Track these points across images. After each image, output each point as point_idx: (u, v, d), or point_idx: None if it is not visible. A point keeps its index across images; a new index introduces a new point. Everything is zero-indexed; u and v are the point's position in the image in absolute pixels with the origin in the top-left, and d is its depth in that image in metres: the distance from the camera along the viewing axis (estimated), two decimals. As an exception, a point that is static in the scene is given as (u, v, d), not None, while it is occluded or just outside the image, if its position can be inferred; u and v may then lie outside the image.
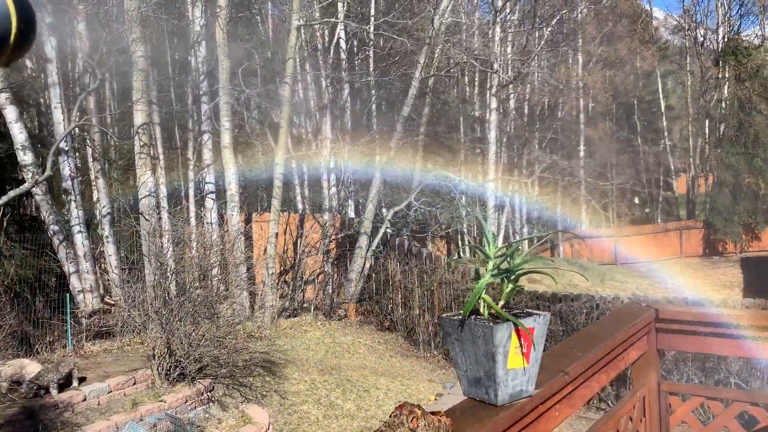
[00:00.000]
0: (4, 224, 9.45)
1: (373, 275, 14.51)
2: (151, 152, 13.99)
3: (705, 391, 2.53)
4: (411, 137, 20.49)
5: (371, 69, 19.34)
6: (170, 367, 7.99)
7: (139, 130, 10.56)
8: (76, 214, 11.45)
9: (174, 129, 16.89)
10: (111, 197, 14.28)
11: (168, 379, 8.02)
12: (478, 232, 24.76)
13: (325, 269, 15.06)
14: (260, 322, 12.18)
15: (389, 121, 19.51)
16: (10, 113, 11.89)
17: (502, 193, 22.15)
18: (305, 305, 14.25)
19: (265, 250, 12.37)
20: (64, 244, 11.97)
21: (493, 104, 19.85)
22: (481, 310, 1.48)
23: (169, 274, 8.03)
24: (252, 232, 15.81)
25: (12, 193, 9.25)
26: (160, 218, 13.33)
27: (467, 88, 26.36)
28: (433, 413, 1.26)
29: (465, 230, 23.99)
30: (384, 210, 15.99)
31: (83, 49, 11.51)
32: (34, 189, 11.80)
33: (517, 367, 1.45)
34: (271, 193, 18.43)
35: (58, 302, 10.44)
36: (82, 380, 7.49)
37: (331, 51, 17.75)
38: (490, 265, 1.47)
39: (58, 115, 11.25)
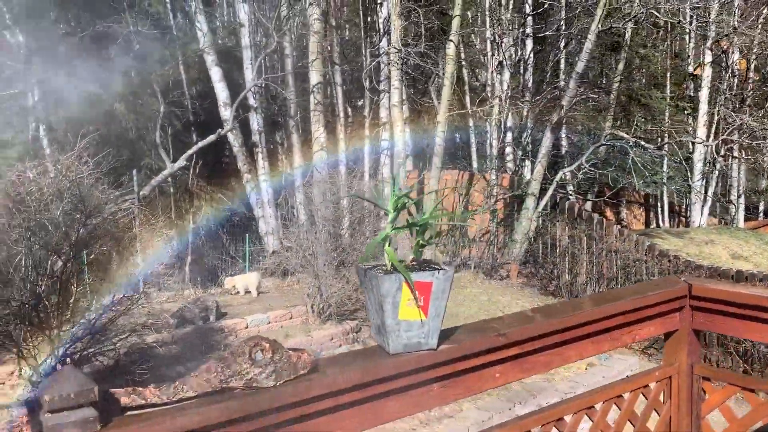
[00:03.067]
0: (197, 169, 10.86)
1: (540, 238, 14.19)
2: (334, 110, 14.95)
3: (747, 382, 2.27)
4: (598, 94, 19.27)
5: (561, 24, 18.40)
6: (322, 306, 8.73)
7: (314, 89, 11.36)
8: (262, 164, 12.76)
9: (354, 89, 17.73)
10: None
11: (320, 317, 8.78)
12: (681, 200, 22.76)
13: (490, 228, 15.03)
14: (419, 275, 12.62)
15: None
16: (215, 74, 13.48)
17: (714, 159, 19.83)
18: (468, 263, 14.42)
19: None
20: (255, 191, 13.45)
21: (708, 58, 17.84)
22: (386, 261, 1.55)
23: (319, 221, 8.69)
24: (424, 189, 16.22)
25: (203, 142, 10.60)
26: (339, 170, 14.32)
27: (676, 42, 23.82)
28: (294, 350, 1.39)
29: (665, 197, 22.19)
30: (566, 172, 15.36)
31: (265, 13, 12.55)
32: (232, 141, 13.35)
33: (411, 318, 1.50)
34: (453, 154, 18.71)
35: (243, 241, 11.84)
36: (222, 315, 8.46)
37: (510, 4, 17.18)
38: (390, 217, 1.52)
39: (249, 75, 12.52)
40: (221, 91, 13.23)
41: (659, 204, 23.01)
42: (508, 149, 17.44)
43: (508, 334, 1.71)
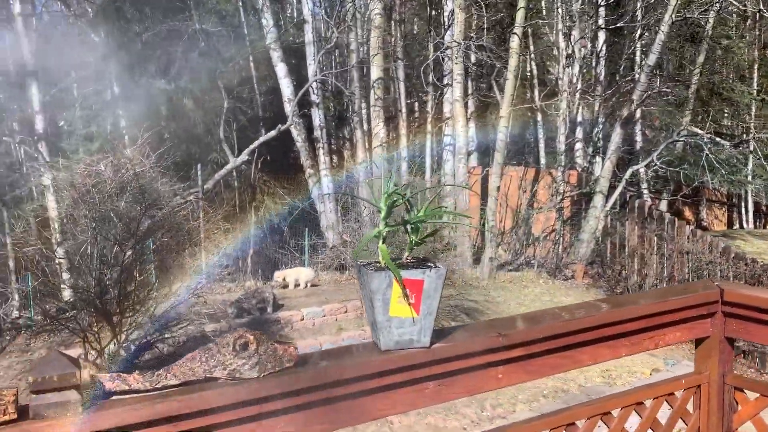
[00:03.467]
0: (259, 164, 11.15)
1: (608, 238, 13.74)
2: (397, 105, 14.99)
3: (785, 394, 2.14)
4: (674, 88, 18.40)
5: (635, 15, 17.69)
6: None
7: (374, 84, 11.42)
8: (323, 159, 12.95)
9: (418, 84, 17.69)
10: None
11: (374, 313, 8.84)
12: None
13: (556, 227, 14.67)
14: (479, 272, 12.50)
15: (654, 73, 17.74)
16: (280, 70, 13.77)
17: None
18: (531, 262, 14.14)
19: (486, 202, 12.53)
20: (317, 185, 13.67)
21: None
22: (380, 259, 1.55)
23: (366, 216, 8.74)
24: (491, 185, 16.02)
25: (264, 137, 10.86)
26: (399, 166, 14.37)
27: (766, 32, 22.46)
28: (281, 343, 1.41)
29: (750, 196, 21.03)
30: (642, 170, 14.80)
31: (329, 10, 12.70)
32: (295, 136, 13.62)
33: (402, 316, 1.49)
34: (520, 150, 18.38)
35: (303, 235, 12.06)
36: (279, 307, 8.64)
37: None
38: (382, 214, 1.52)
39: (311, 71, 12.72)
40: (286, 87, 13.50)
41: (743, 204, 21.83)
42: (578, 145, 16.96)
43: (510, 335, 1.67)
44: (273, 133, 10.72)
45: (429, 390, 1.62)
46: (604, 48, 17.98)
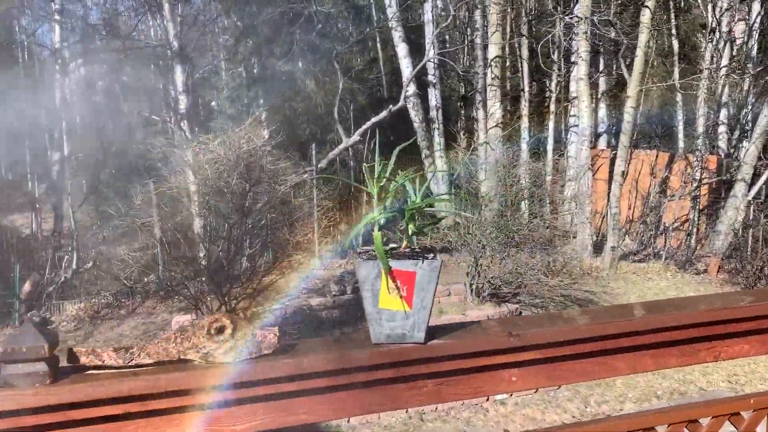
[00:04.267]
0: (372, 144, 11.24)
1: (748, 230, 12.44)
2: (519, 85, 14.50)
3: None
4: None
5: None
6: (480, 286, 8.61)
7: (492, 63, 11.08)
8: (438, 140, 12.83)
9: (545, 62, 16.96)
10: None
11: (478, 297, 8.67)
12: None
13: (690, 216, 13.52)
14: (599, 262, 11.85)
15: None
16: (401, 50, 13.80)
17: None
18: (660, 253, 13.16)
19: (610, 188, 11.79)
20: (432, 167, 13.62)
21: None
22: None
23: (481, 200, 8.51)
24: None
25: (375, 118, 10.93)
26: (519, 148, 13.90)
27: None
28: (262, 330, 1.38)
29: None
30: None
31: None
32: (413, 116, 13.64)
33: (393, 308, 1.41)
34: (655, 132, 17.16)
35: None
36: None
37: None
38: (375, 201, 1.43)
39: (430, 50, 12.59)
40: (405, 68, 13.49)
41: None
42: (721, 128, 15.46)
43: (523, 336, 1.53)
44: (384, 113, 10.77)
45: (427, 388, 1.52)
46: (758, 20, 16.14)
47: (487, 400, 7.00)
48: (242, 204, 6.53)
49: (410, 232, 1.47)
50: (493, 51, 11.08)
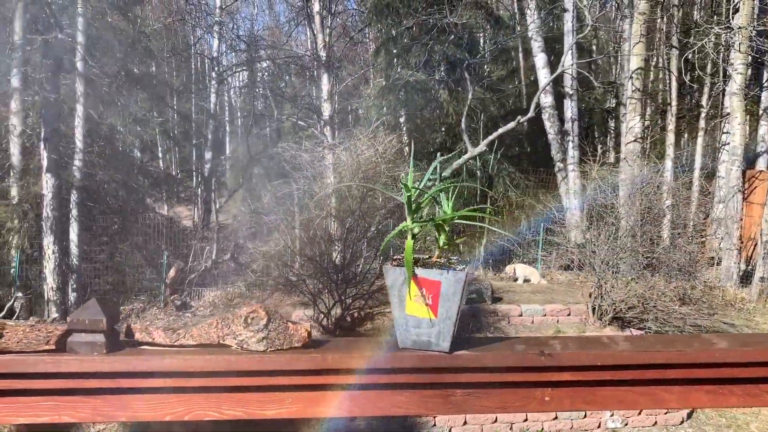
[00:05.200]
0: (498, 155, 11.09)
1: None
2: (666, 99, 13.63)
3: None
4: None
5: None
6: (603, 308, 8.20)
7: (633, 75, 10.52)
8: (572, 153, 12.38)
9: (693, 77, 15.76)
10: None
11: (600, 319, 8.27)
12: None
13: None
14: (746, 292, 10.81)
15: None
16: (539, 60, 13.56)
17: None
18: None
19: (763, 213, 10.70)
20: (564, 181, 13.19)
21: None
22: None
23: (619, 223, 8.10)
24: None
25: (502, 129, 10.76)
26: (663, 165, 13.05)
27: None
28: (294, 323, 1.48)
29: None
30: None
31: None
32: (548, 128, 13.32)
33: (419, 315, 1.46)
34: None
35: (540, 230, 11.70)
36: (497, 299, 8.52)
37: None
38: (408, 210, 1.48)
39: (568, 60, 12.20)
40: (543, 78, 13.20)
41: None
42: None
43: (556, 356, 1.50)
44: (512, 124, 10.58)
45: (456, 398, 1.54)
46: None
47: (599, 427, 6.67)
48: (359, 208, 6.77)
49: (441, 244, 1.50)
50: (635, 63, 10.50)
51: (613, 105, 14.63)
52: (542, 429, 6.61)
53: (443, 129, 13.02)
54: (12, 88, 9.88)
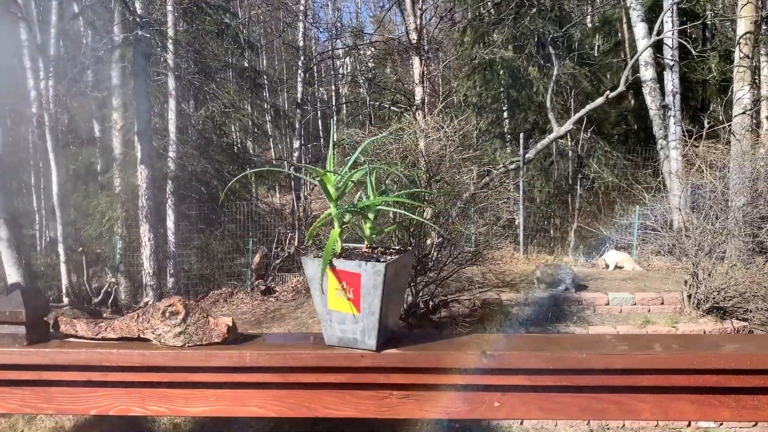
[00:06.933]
0: (588, 133, 10.45)
1: None
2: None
3: None
4: None
5: None
6: (701, 297, 7.55)
7: (740, 40, 9.54)
8: (673, 130, 11.48)
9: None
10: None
11: (697, 309, 7.62)
12: None
13: None
14: None
15: None
16: (639, 30, 12.75)
17: None
18: None
19: None
20: (666, 160, 12.33)
21: None
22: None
23: (726, 204, 7.42)
24: None
25: (589, 106, 10.11)
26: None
27: None
28: (214, 317, 1.40)
29: None
30: None
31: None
32: (649, 103, 12.49)
33: (342, 310, 1.33)
34: None
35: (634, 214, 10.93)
36: (582, 287, 8.05)
37: None
38: (333, 196, 1.35)
39: (666, 27, 11.28)
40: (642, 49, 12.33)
41: None
42: None
43: (500, 358, 1.33)
44: (601, 100, 9.85)
45: (392, 400, 1.40)
46: None
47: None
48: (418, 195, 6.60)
49: (367, 233, 1.35)
50: (743, 26, 9.47)
51: (710, 76, 13.38)
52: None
53: (533, 107, 12.47)
54: (113, 86, 10.52)
